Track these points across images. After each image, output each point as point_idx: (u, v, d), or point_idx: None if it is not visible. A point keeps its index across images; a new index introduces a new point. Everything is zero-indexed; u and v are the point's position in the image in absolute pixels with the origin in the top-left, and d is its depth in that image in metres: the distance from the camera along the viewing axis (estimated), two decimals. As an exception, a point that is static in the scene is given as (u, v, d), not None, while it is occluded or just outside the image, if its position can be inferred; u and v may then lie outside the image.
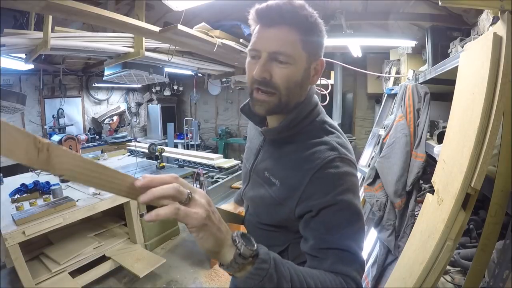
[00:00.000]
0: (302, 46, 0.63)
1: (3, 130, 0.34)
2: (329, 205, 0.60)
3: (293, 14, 0.61)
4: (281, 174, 0.70)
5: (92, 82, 5.51)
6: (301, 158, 0.67)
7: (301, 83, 0.66)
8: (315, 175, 0.63)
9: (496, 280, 0.83)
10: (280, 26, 0.62)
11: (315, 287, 0.53)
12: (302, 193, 0.64)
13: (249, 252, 0.47)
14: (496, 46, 0.81)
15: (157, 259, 2.53)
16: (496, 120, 0.81)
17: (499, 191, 0.82)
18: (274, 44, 0.62)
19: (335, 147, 0.66)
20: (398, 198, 1.64)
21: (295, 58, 0.63)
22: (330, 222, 0.60)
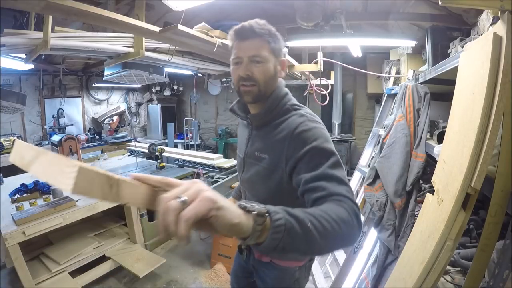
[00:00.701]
0: (270, 49, 0.88)
1: (82, 173, 0.39)
2: (307, 152, 0.79)
3: (260, 29, 0.86)
4: (267, 148, 0.92)
5: (92, 82, 5.51)
6: (279, 131, 0.89)
7: (273, 76, 0.91)
8: (292, 137, 0.84)
9: (496, 280, 0.83)
10: (253, 38, 0.86)
11: (325, 215, 0.58)
12: (286, 154, 0.84)
13: (262, 209, 0.50)
14: (496, 46, 0.81)
15: (157, 259, 2.53)
16: (496, 120, 0.81)
17: (499, 191, 0.82)
18: (251, 51, 0.86)
19: (303, 114, 0.89)
20: (398, 198, 1.64)
21: (267, 58, 0.87)
22: (312, 162, 0.77)
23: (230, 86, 5.57)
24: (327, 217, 0.58)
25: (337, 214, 0.61)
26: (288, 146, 0.84)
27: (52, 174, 0.42)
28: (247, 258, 1.14)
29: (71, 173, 0.39)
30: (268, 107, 0.92)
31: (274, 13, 3.01)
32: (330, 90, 3.30)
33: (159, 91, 6.58)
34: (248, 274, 1.21)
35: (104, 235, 2.68)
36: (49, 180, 0.43)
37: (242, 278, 1.27)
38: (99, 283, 2.43)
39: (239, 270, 1.28)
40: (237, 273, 1.29)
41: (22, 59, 2.52)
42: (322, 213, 0.59)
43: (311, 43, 2.86)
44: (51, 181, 0.43)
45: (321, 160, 0.76)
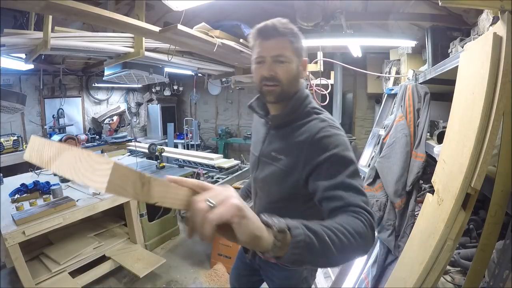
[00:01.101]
0: (292, 49, 0.87)
1: (116, 170, 0.37)
2: (327, 159, 0.78)
3: (284, 28, 0.86)
4: (285, 149, 0.90)
5: (92, 82, 5.50)
6: (299, 133, 0.87)
7: (296, 76, 0.90)
8: (312, 141, 0.82)
9: (496, 280, 0.83)
10: (276, 37, 0.85)
11: (342, 229, 0.59)
12: (305, 157, 0.82)
13: (283, 225, 0.51)
14: (496, 46, 0.81)
15: (157, 259, 2.53)
16: (496, 120, 0.81)
17: (499, 191, 0.82)
18: (275, 50, 0.85)
19: (324, 119, 0.88)
20: (398, 198, 1.64)
21: (290, 58, 0.86)
22: (331, 170, 0.77)
23: (230, 86, 5.57)
24: (344, 231, 0.59)
25: (354, 227, 0.62)
26: (307, 150, 0.82)
27: (80, 172, 0.40)
28: (253, 258, 1.14)
29: (104, 170, 0.37)
30: (290, 109, 0.91)
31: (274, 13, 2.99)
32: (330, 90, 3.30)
33: (159, 91, 6.57)
34: (252, 272, 1.21)
35: (104, 235, 2.68)
36: (77, 178, 0.40)
37: (244, 276, 1.27)
38: (99, 283, 2.43)
39: (242, 268, 1.27)
40: (240, 271, 1.28)
41: (22, 59, 2.51)
42: (339, 226, 0.60)
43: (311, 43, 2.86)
44: (79, 179, 0.40)
45: (340, 168, 0.76)
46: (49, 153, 0.44)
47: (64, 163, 0.42)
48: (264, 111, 1.01)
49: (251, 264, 1.18)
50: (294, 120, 0.91)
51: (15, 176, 3.07)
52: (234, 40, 2.27)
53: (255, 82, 0.92)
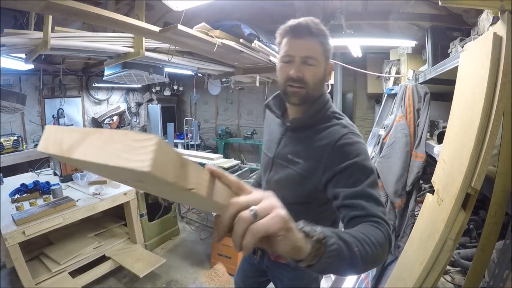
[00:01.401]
0: (323, 52, 0.85)
1: (160, 147, 0.32)
2: (348, 167, 0.77)
3: (316, 29, 0.83)
4: (303, 153, 0.88)
5: (92, 82, 5.50)
6: (320, 138, 0.86)
7: (322, 79, 0.88)
8: (334, 147, 0.81)
9: (496, 280, 0.83)
10: (308, 37, 0.82)
11: (368, 240, 0.60)
12: (325, 163, 0.81)
13: (320, 235, 0.49)
14: (496, 46, 0.81)
15: (157, 259, 2.53)
16: (496, 120, 0.81)
17: (499, 191, 0.82)
18: (305, 51, 0.83)
19: (346, 125, 0.86)
20: (398, 198, 1.64)
21: (319, 61, 0.84)
22: (352, 178, 0.76)
23: (230, 86, 5.57)
24: (369, 242, 0.60)
25: (377, 239, 0.62)
26: (328, 156, 0.81)
27: (114, 154, 0.34)
28: (261, 259, 1.12)
29: (146, 147, 0.32)
30: (312, 112, 0.89)
31: (274, 13, 3.01)
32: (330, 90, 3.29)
33: (159, 91, 6.57)
34: (259, 273, 1.20)
35: (104, 235, 2.67)
36: (111, 160, 0.34)
37: (251, 277, 1.25)
38: (99, 283, 2.43)
39: (249, 269, 1.25)
40: (246, 272, 1.26)
41: (22, 59, 2.51)
42: (365, 237, 0.60)
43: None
44: (113, 161, 0.34)
45: (361, 177, 0.75)
46: (70, 140, 0.39)
47: (91, 148, 0.36)
48: (280, 111, 0.99)
49: (258, 265, 1.16)
50: (315, 124, 0.89)
51: (15, 176, 3.07)
52: (234, 40, 2.27)
53: (279, 81, 0.90)
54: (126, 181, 0.53)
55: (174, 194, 0.59)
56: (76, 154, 0.37)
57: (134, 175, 0.36)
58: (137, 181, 0.45)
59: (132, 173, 0.34)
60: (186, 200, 0.67)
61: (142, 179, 0.40)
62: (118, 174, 0.46)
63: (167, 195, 0.65)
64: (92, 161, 0.36)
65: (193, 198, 0.50)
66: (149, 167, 0.31)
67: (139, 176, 0.35)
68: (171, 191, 0.50)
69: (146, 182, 0.42)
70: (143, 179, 0.38)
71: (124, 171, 0.35)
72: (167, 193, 0.59)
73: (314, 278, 1.07)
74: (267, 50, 2.50)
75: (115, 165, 0.34)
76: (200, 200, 0.47)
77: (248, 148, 6.45)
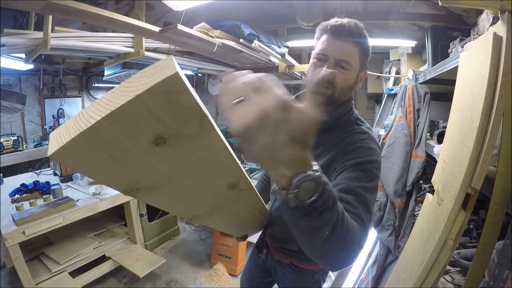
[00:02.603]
0: (359, 58, 0.83)
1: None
2: (357, 164, 0.75)
3: (358, 34, 0.82)
4: (319, 156, 0.84)
5: (92, 82, 5.50)
6: (338, 142, 0.83)
7: (352, 86, 0.86)
8: (350, 148, 0.79)
9: (496, 280, 0.83)
10: (347, 40, 0.80)
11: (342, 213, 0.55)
12: (339, 161, 0.78)
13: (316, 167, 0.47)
14: (496, 46, 0.81)
15: (157, 259, 2.53)
16: (496, 120, 0.81)
17: (499, 191, 0.82)
18: (341, 53, 0.81)
19: (366, 132, 0.84)
20: (398, 198, 1.64)
21: (353, 67, 0.82)
22: (354, 173, 0.74)
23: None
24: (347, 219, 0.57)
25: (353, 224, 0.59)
26: (343, 155, 0.79)
27: (113, 101, 0.34)
28: (266, 257, 1.12)
29: (166, 66, 0.34)
30: (335, 116, 0.86)
31: (274, 13, 3.01)
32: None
33: (159, 91, 6.57)
34: (265, 274, 1.19)
35: (104, 235, 2.67)
36: (114, 103, 0.34)
37: (257, 278, 1.24)
38: (99, 283, 2.43)
39: (255, 269, 1.24)
40: (252, 273, 1.26)
41: (22, 59, 2.51)
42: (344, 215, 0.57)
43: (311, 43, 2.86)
44: (115, 104, 0.34)
45: (362, 178, 0.74)
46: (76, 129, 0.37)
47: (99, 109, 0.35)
48: None
49: (264, 264, 1.16)
50: (336, 128, 0.87)
51: (15, 176, 3.07)
52: (234, 40, 2.27)
53: (308, 77, 0.87)
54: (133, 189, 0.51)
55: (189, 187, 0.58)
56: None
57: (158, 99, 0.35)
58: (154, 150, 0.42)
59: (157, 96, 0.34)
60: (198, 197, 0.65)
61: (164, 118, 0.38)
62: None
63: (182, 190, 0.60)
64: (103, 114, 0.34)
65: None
66: (175, 70, 0.33)
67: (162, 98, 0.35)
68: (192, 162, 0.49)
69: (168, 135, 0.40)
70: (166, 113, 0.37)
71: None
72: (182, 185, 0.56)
73: (316, 280, 1.06)
74: (267, 50, 2.50)
75: (133, 97, 0.33)
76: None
77: (248, 148, 6.45)
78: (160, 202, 0.65)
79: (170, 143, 0.43)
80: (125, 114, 0.35)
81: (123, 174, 0.48)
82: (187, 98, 0.38)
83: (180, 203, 0.68)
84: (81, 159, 0.42)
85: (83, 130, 0.35)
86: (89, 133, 0.36)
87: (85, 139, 0.37)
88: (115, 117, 0.35)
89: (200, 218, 0.80)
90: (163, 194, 0.58)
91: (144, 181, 0.51)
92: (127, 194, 0.53)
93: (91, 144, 0.38)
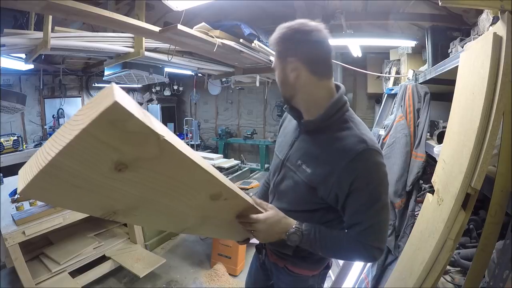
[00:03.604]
0: (277, 56, 0.85)
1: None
2: (361, 189, 0.77)
3: (275, 38, 0.83)
4: (313, 162, 0.85)
5: (92, 82, 5.50)
6: (333, 149, 0.81)
7: (284, 81, 0.86)
8: (349, 165, 0.77)
9: (496, 280, 0.83)
10: (272, 50, 0.89)
11: (341, 247, 0.85)
12: (337, 179, 0.79)
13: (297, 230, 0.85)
14: (496, 46, 0.81)
15: (157, 259, 2.53)
16: (496, 120, 0.81)
17: (499, 191, 0.82)
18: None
19: (364, 139, 0.79)
20: (398, 198, 1.64)
21: (276, 65, 0.86)
22: (362, 201, 0.79)
23: (230, 86, 5.57)
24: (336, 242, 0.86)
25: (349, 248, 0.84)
26: (341, 173, 0.78)
27: (75, 127, 0.37)
28: (265, 258, 1.13)
29: (106, 96, 0.37)
30: (325, 115, 0.83)
31: (274, 13, 3.01)
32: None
33: (159, 91, 6.57)
34: (267, 277, 1.19)
35: (104, 235, 2.67)
36: (74, 132, 0.36)
37: (260, 281, 1.24)
38: (99, 283, 2.43)
39: (257, 272, 1.24)
40: (256, 276, 1.25)
41: (22, 59, 2.52)
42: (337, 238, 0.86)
43: (311, 43, 2.85)
44: (76, 130, 0.36)
45: (372, 204, 0.78)
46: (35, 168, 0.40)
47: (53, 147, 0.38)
48: (298, 113, 0.92)
49: (265, 266, 1.17)
50: (328, 128, 0.84)
51: (15, 176, 3.06)
52: (234, 40, 2.27)
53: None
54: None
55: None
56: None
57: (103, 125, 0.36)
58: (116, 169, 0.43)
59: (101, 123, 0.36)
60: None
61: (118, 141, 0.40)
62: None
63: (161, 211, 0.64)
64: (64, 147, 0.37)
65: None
66: (113, 99, 0.34)
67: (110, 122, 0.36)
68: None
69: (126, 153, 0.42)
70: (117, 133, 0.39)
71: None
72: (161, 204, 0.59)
73: (310, 285, 1.05)
74: (267, 50, 2.50)
75: (83, 128, 0.35)
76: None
77: (248, 148, 6.45)
78: (143, 221, 0.69)
79: (133, 167, 0.45)
80: (77, 147, 0.37)
81: (94, 201, 0.50)
82: (134, 123, 0.38)
83: (164, 219, 0.71)
84: (50, 192, 0.44)
85: (42, 167, 0.38)
86: (49, 169, 0.38)
87: (47, 175, 0.39)
88: (68, 151, 0.37)
89: (191, 229, 0.84)
90: (143, 213, 0.61)
91: (118, 204, 0.54)
92: (105, 218, 0.55)
93: (53, 178, 0.40)
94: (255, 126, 6.24)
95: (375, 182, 0.78)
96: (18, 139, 4.06)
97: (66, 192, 0.45)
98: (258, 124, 6.25)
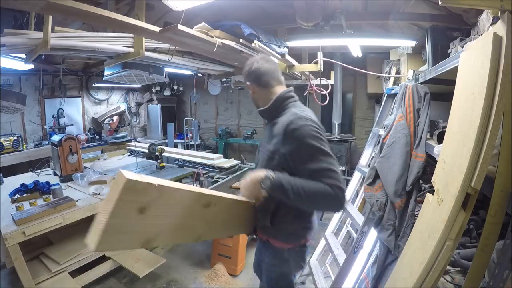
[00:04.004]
0: (249, 84, 1.29)
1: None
2: (298, 148, 1.08)
3: (243, 76, 1.32)
4: (271, 140, 1.20)
5: (92, 82, 5.50)
6: (279, 127, 1.15)
7: (253, 97, 1.33)
8: (284, 134, 1.10)
9: (496, 280, 0.83)
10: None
11: (307, 186, 1.02)
12: (282, 145, 1.12)
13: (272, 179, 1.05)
14: (496, 46, 0.81)
15: (157, 259, 2.53)
16: (496, 120, 0.81)
17: (499, 191, 0.82)
18: None
19: (295, 113, 1.14)
20: (398, 198, 1.64)
21: (249, 88, 1.31)
22: (304, 157, 1.07)
23: (230, 86, 5.57)
24: (308, 188, 1.02)
25: (319, 189, 1.01)
26: (282, 140, 1.11)
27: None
28: (258, 237, 1.37)
29: (120, 178, 0.73)
30: (270, 107, 1.25)
31: (274, 13, 3.01)
32: (330, 90, 3.30)
33: (159, 91, 6.57)
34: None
35: (104, 235, 2.67)
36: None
37: (258, 260, 1.43)
38: (99, 283, 2.43)
39: (257, 252, 1.46)
40: (257, 255, 1.46)
41: (22, 59, 2.51)
42: (306, 185, 1.03)
43: (311, 43, 2.86)
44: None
45: (311, 155, 1.05)
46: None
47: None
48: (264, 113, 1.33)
49: (260, 246, 1.40)
50: (277, 116, 1.20)
51: (15, 176, 3.07)
52: (234, 40, 2.27)
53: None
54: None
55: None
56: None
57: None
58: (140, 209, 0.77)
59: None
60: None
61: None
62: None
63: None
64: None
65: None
66: (126, 178, 0.71)
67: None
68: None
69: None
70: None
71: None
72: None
73: (286, 260, 1.25)
74: (267, 50, 2.50)
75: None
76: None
77: (248, 148, 6.45)
78: (168, 240, 0.99)
79: (149, 207, 0.79)
80: (117, 210, 0.72)
81: (136, 238, 0.83)
82: (139, 184, 0.73)
83: (181, 234, 0.99)
84: (111, 242, 0.79)
85: (103, 227, 0.73)
86: (106, 228, 0.74)
87: (107, 231, 0.74)
88: (113, 214, 0.73)
89: (203, 236, 1.12)
90: (165, 234, 0.91)
91: (149, 235, 0.85)
92: (145, 247, 0.84)
93: (110, 230, 0.74)
94: (255, 126, 6.25)
95: (306, 137, 1.05)
96: (18, 139, 4.06)
97: (119, 239, 0.78)
98: (258, 124, 6.25)
